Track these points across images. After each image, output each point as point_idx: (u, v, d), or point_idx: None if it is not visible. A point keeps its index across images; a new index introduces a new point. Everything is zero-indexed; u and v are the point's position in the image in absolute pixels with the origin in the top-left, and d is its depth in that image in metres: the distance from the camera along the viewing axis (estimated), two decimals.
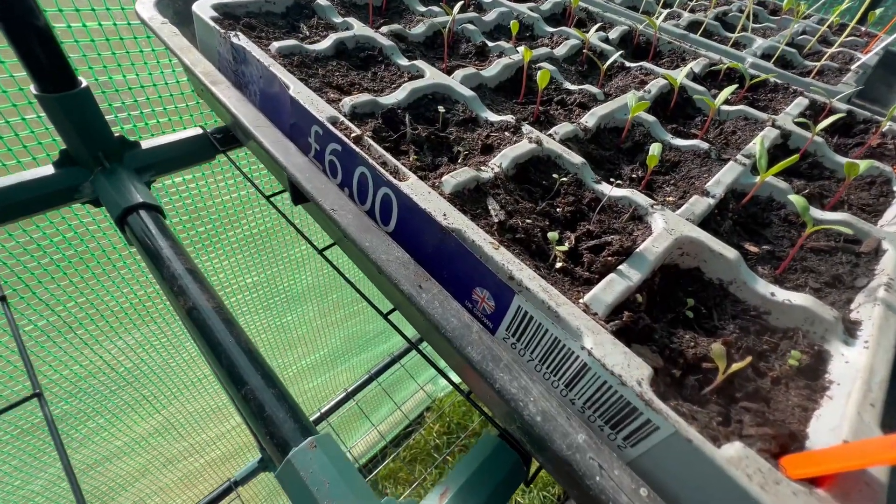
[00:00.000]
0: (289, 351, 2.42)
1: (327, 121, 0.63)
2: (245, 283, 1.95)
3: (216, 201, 1.63)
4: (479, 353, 0.44)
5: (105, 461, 1.93)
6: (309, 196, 0.59)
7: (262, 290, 2.00)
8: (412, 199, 0.52)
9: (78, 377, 1.58)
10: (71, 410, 1.67)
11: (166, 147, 0.96)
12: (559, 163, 0.67)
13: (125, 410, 1.85)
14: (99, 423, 1.80)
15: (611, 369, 0.39)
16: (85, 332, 1.49)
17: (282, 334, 2.29)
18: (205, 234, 1.67)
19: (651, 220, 0.59)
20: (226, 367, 0.64)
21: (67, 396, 1.62)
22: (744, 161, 0.73)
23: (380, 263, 0.51)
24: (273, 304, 2.10)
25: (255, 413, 0.60)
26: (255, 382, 0.62)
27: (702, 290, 0.55)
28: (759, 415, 0.43)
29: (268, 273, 2.00)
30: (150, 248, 0.77)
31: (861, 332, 0.49)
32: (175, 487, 2.31)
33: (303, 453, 0.54)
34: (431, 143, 0.69)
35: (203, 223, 1.64)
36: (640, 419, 0.38)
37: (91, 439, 1.81)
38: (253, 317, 2.07)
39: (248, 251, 1.86)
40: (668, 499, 0.38)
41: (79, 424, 1.73)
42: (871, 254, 0.62)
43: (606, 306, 0.46)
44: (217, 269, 1.80)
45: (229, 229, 1.74)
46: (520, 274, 0.46)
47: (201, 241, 1.67)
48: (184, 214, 1.58)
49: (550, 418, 0.40)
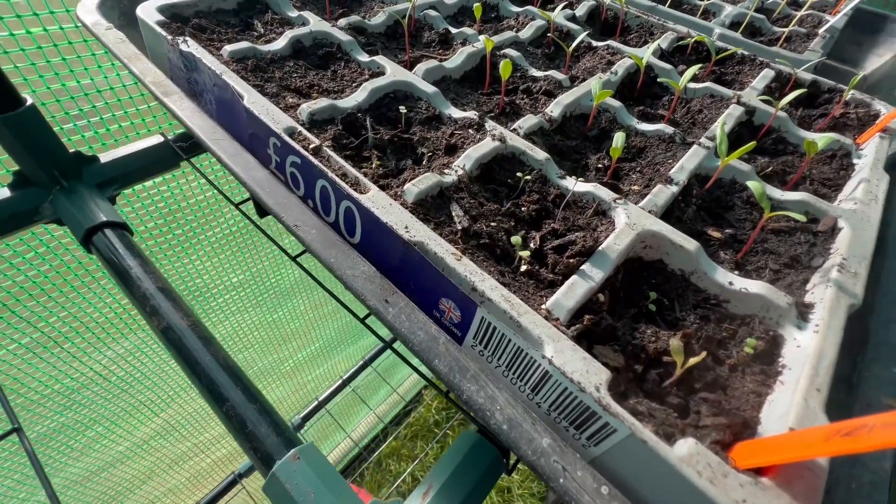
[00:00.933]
0: (283, 346, 2.44)
1: (284, 132, 0.61)
2: (231, 282, 1.93)
3: (190, 202, 1.59)
4: (446, 366, 0.45)
5: (109, 467, 1.95)
6: (270, 211, 0.58)
7: (248, 287, 1.99)
8: (373, 212, 0.52)
9: (70, 390, 1.58)
10: (67, 422, 1.68)
11: (127, 159, 0.93)
12: (524, 159, 0.67)
13: (123, 417, 1.86)
14: (98, 431, 1.82)
15: (570, 377, 0.41)
16: (72, 345, 1.48)
17: (275, 330, 2.29)
18: (182, 236, 1.64)
19: (614, 214, 0.60)
20: (206, 385, 0.65)
21: (62, 409, 1.62)
22: (707, 144, 0.74)
23: (345, 279, 0.52)
24: (263, 301, 2.09)
25: (237, 429, 0.61)
26: (235, 398, 0.63)
27: (665, 282, 0.57)
28: (716, 405, 0.45)
29: (253, 270, 1.98)
30: (118, 269, 0.75)
31: (813, 315, 0.52)
32: (184, 488, 2.35)
33: (287, 466, 0.56)
34: (395, 146, 0.68)
35: (179, 225, 1.60)
36: (600, 421, 0.40)
37: (91, 448, 1.83)
38: (243, 315, 2.07)
39: (229, 250, 1.83)
40: (628, 495, 0.40)
41: (77, 435, 1.74)
42: (828, 232, 0.64)
43: (568, 311, 0.47)
44: (200, 271, 1.78)
45: (207, 229, 1.71)
46: (482, 285, 0.47)
47: (180, 243, 1.64)
48: (158, 218, 1.55)
49: (516, 425, 0.42)
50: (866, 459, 0.45)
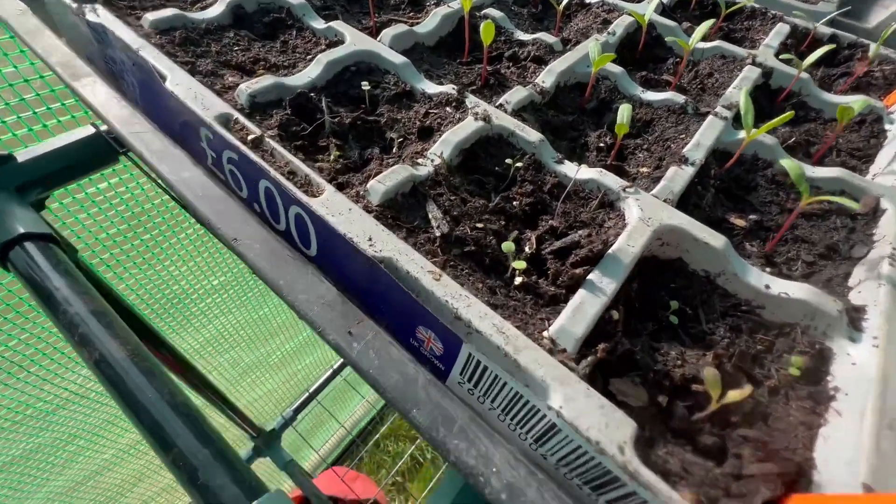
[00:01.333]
0: (271, 340, 2.34)
1: (216, 121, 0.49)
2: (211, 285, 1.81)
3: (156, 203, 1.44)
4: (427, 417, 0.36)
5: (96, 475, 1.87)
6: (203, 222, 0.47)
7: (231, 290, 1.87)
8: (328, 221, 0.41)
9: (45, 413, 1.48)
10: (44, 442, 1.59)
11: (51, 155, 0.79)
12: (513, 142, 0.56)
13: (105, 427, 1.77)
14: (79, 444, 1.73)
15: (586, 434, 0.32)
16: (40, 368, 1.36)
17: (261, 326, 2.19)
18: (151, 241, 1.49)
19: (624, 206, 0.50)
20: (148, 427, 0.54)
21: (37, 431, 1.52)
22: (724, 114, 0.63)
23: (298, 307, 0.41)
24: (247, 301, 1.99)
25: (188, 482, 0.51)
26: (184, 443, 0.53)
27: (686, 287, 0.48)
28: (760, 445, 0.37)
29: (234, 271, 1.86)
30: (40, 290, 0.64)
31: (867, 321, 0.43)
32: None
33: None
34: (358, 131, 0.56)
35: (146, 230, 1.46)
36: (625, 489, 0.31)
37: (74, 460, 1.74)
38: (227, 317, 1.96)
39: (206, 252, 1.70)
40: None
41: (57, 451, 1.65)
42: (869, 214, 0.55)
43: (576, 340, 0.37)
44: (176, 277, 1.65)
45: (179, 231, 1.56)
46: (468, 312, 0.37)
47: (149, 249, 1.50)
48: (121, 223, 1.40)
49: (518, 493, 0.33)
50: None
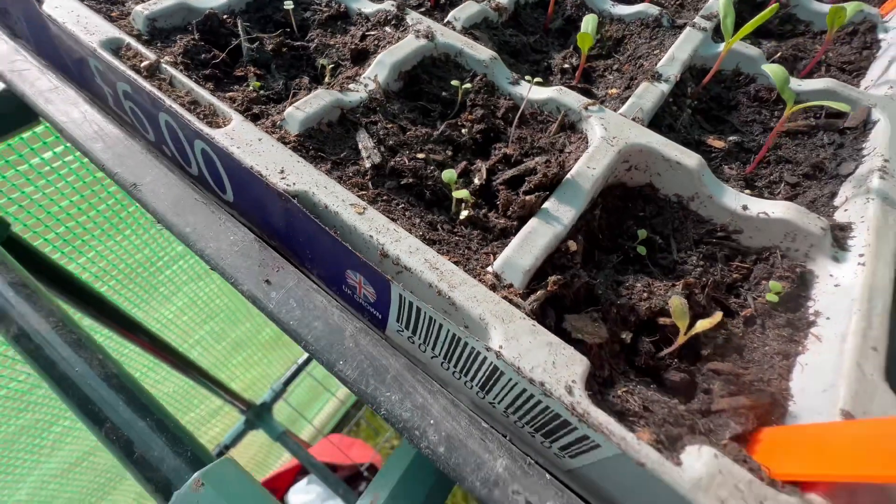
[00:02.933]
0: (255, 312, 2.30)
1: (102, 47, 0.41)
2: (176, 251, 1.75)
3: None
4: (355, 369, 0.31)
5: (89, 456, 1.87)
6: (98, 164, 0.40)
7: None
8: (232, 153, 0.35)
9: (20, 392, 1.44)
10: (27, 424, 1.56)
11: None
12: (461, 62, 0.49)
13: None
14: (65, 425, 1.71)
15: (529, 375, 0.27)
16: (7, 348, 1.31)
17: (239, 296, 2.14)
18: (108, 210, 1.41)
19: (586, 126, 0.44)
20: (76, 403, 0.50)
21: (16, 413, 1.49)
22: (703, 25, 0.56)
23: (208, 255, 0.35)
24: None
25: (123, 455, 0.47)
26: (118, 417, 0.48)
27: (657, 214, 0.43)
28: (731, 377, 0.33)
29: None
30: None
31: (853, 239, 0.38)
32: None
33: (186, 497, 0.43)
34: (283, 58, 0.49)
35: (102, 199, 1.37)
36: (576, 433, 0.27)
37: (63, 441, 1.73)
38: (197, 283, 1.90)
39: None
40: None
41: (42, 432, 1.63)
42: (859, 128, 0.50)
43: (524, 273, 0.32)
44: (138, 246, 1.58)
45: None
46: (396, 247, 0.32)
47: (107, 220, 1.42)
48: (73, 195, 1.31)
49: (458, 445, 0.29)
50: None
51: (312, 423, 2.71)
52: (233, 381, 2.12)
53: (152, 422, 0.50)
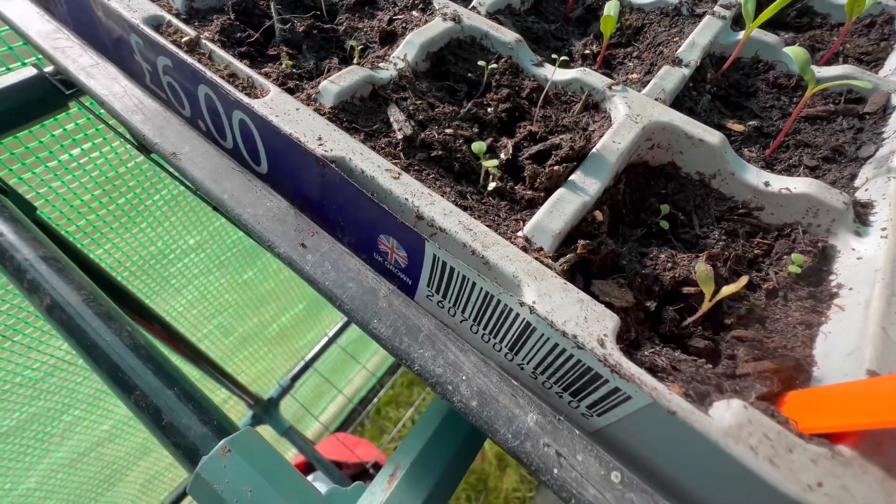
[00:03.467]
0: (263, 308, 2.31)
1: (145, 23, 0.43)
2: (188, 244, 1.77)
3: (129, 166, 1.38)
4: (388, 326, 0.32)
5: (97, 446, 1.88)
6: (139, 135, 0.42)
7: (208, 248, 1.83)
8: (271, 121, 0.36)
9: (34, 380, 1.46)
10: (38, 412, 1.58)
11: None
12: (486, 44, 0.50)
13: (99, 397, 1.77)
14: (75, 415, 1.73)
15: (562, 328, 0.28)
16: (23, 336, 1.34)
17: (247, 291, 2.15)
18: (126, 204, 1.44)
19: (610, 106, 0.45)
20: (107, 371, 0.51)
21: (29, 400, 1.51)
22: (723, 14, 0.57)
23: (245, 221, 0.37)
24: (227, 261, 1.94)
25: (151, 422, 0.49)
26: (146, 385, 0.50)
27: (678, 191, 0.43)
28: (755, 344, 0.34)
29: (210, 229, 1.81)
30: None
31: (874, 215, 0.39)
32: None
33: (214, 462, 0.44)
34: (314, 40, 0.50)
35: (121, 193, 1.41)
36: (607, 387, 0.28)
37: (73, 431, 1.74)
38: (207, 277, 1.92)
39: (180, 211, 1.65)
40: (648, 472, 0.29)
41: (52, 421, 1.65)
42: (878, 113, 0.50)
43: (554, 236, 0.33)
44: (152, 238, 1.61)
45: (153, 193, 1.51)
46: (430, 210, 0.33)
47: (125, 213, 1.45)
48: (95, 189, 1.35)
49: (490, 400, 0.30)
50: None
51: (319, 419, 2.71)
52: (238, 374, 2.13)
53: (179, 391, 0.51)
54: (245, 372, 2.25)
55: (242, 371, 2.24)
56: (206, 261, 1.91)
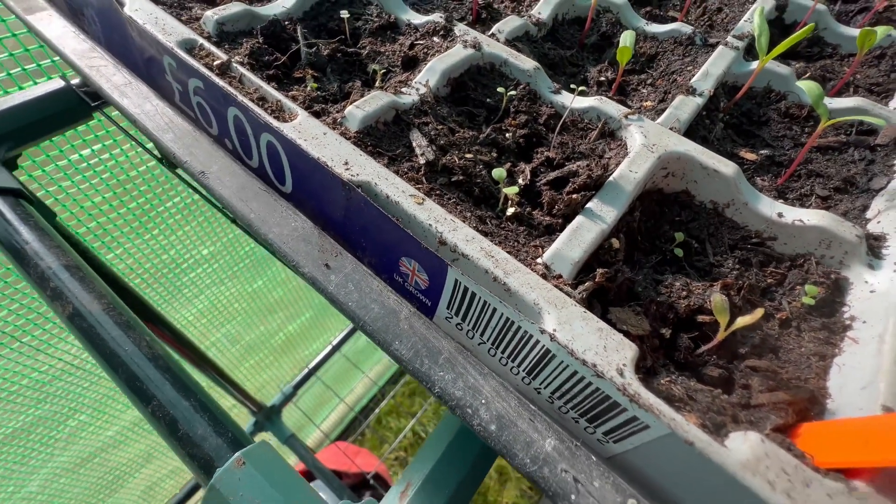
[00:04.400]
0: (270, 317, 2.32)
1: (179, 47, 0.45)
2: (201, 254, 1.78)
3: (141, 170, 1.40)
4: (409, 349, 0.33)
5: (101, 452, 1.88)
6: (168, 154, 0.43)
7: (221, 259, 1.84)
8: (299, 145, 0.38)
9: (41, 383, 1.47)
10: (44, 415, 1.58)
11: (17, 109, 0.74)
12: (505, 71, 0.51)
13: (106, 403, 1.77)
14: (80, 420, 1.73)
15: (582, 357, 0.29)
16: (32, 338, 1.35)
17: (256, 301, 2.17)
18: (138, 209, 1.46)
19: (626, 134, 0.46)
20: (125, 380, 0.52)
21: (35, 403, 1.52)
22: (735, 44, 0.59)
23: (271, 240, 0.38)
24: (239, 272, 1.95)
25: (168, 433, 0.49)
26: (164, 396, 0.51)
27: (692, 219, 0.44)
28: (770, 374, 0.34)
29: (223, 240, 1.83)
30: (8, 245, 0.61)
31: (887, 249, 0.40)
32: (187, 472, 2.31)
33: (229, 474, 0.45)
34: (337, 63, 0.52)
35: (132, 198, 1.42)
36: (625, 416, 0.29)
37: (77, 436, 1.74)
38: (219, 288, 1.93)
39: (194, 220, 1.66)
40: (663, 500, 0.30)
41: (58, 426, 1.65)
42: (890, 145, 0.51)
43: (573, 264, 0.34)
44: (165, 246, 1.62)
45: (166, 200, 1.52)
46: (453, 236, 0.34)
47: (136, 218, 1.47)
48: (106, 191, 1.36)
49: (508, 424, 0.31)
50: None
51: (320, 427, 2.70)
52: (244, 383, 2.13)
53: (196, 402, 0.52)
54: (250, 380, 2.25)
55: (248, 379, 2.24)
56: (218, 271, 1.93)
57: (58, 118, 0.81)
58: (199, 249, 1.80)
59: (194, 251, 1.78)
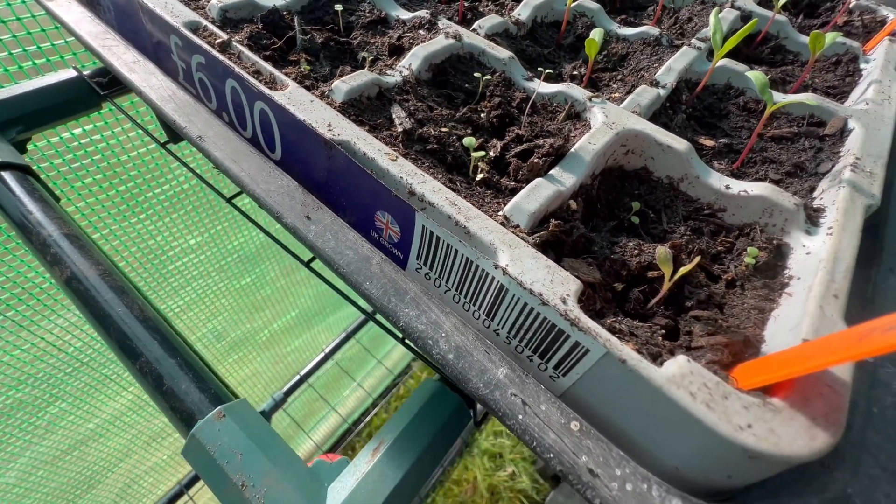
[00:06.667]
0: (256, 315, 2.32)
1: (184, 27, 0.49)
2: (188, 244, 1.78)
3: (132, 155, 1.43)
4: (379, 288, 0.36)
5: (81, 444, 1.85)
6: (168, 120, 0.47)
7: (209, 250, 1.85)
8: (288, 109, 0.42)
9: (22, 362, 1.46)
10: (25, 398, 1.56)
11: (30, 96, 0.79)
12: (483, 60, 0.56)
13: (88, 392, 1.75)
14: (61, 407, 1.70)
15: (529, 287, 0.32)
16: (16, 313, 1.34)
17: (243, 297, 2.17)
18: (126, 193, 1.46)
19: (590, 115, 0.50)
20: (116, 339, 0.55)
21: (16, 384, 1.51)
22: (698, 45, 0.64)
23: (258, 194, 0.41)
24: (227, 266, 1.96)
25: (153, 387, 0.52)
26: (151, 353, 0.53)
27: (650, 192, 0.48)
28: (711, 322, 0.37)
29: (211, 232, 1.84)
30: (14, 216, 0.64)
31: (824, 218, 0.43)
32: (167, 466, 2.27)
33: (209, 426, 0.47)
34: (330, 50, 0.57)
35: (122, 181, 1.43)
36: (569, 342, 0.32)
37: (57, 424, 1.72)
38: (206, 280, 1.93)
39: (182, 209, 1.67)
40: (606, 430, 0.32)
41: (38, 412, 1.63)
42: (837, 135, 0.55)
43: (530, 216, 0.38)
44: (151, 232, 1.62)
45: (155, 186, 1.53)
46: (422, 187, 0.37)
47: (124, 201, 1.47)
48: (96, 173, 1.38)
49: (465, 354, 0.33)
50: (887, 379, 0.38)
51: (311, 436, 2.67)
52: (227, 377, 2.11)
53: (181, 360, 0.54)
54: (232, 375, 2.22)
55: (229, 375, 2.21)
56: (205, 263, 1.92)
57: (68, 106, 0.86)
58: (187, 239, 1.79)
59: (181, 240, 1.76)
